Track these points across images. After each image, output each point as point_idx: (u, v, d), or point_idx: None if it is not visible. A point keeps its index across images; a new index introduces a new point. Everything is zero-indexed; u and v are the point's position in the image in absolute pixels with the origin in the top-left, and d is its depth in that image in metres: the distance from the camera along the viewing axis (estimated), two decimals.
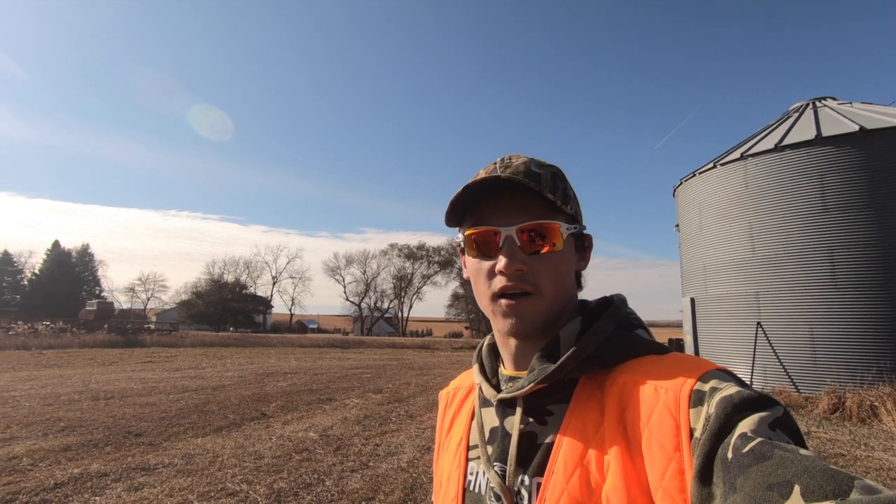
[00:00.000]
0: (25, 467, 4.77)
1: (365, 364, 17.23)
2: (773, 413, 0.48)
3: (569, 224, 0.67)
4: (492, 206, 0.67)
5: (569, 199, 0.69)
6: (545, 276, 0.65)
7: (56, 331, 26.14)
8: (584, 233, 0.73)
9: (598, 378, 0.62)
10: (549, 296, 0.65)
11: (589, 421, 0.60)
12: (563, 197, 0.67)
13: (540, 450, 0.62)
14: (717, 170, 11.22)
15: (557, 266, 0.66)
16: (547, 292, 0.65)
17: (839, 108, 10.86)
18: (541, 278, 0.65)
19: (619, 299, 0.70)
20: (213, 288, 63.48)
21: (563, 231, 0.66)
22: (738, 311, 10.46)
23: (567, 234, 0.67)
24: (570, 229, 0.67)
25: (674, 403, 0.53)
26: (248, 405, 8.36)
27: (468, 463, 0.72)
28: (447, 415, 0.84)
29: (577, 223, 0.70)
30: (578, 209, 0.72)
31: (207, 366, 15.21)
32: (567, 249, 0.68)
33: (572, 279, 0.70)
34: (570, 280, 0.70)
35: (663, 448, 0.51)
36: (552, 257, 0.65)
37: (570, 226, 0.67)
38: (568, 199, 0.68)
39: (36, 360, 15.54)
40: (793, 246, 9.68)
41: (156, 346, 23.38)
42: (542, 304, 0.65)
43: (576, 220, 0.70)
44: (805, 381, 9.24)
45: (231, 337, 31.95)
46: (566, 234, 0.67)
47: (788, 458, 0.42)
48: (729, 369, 0.57)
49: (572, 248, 0.70)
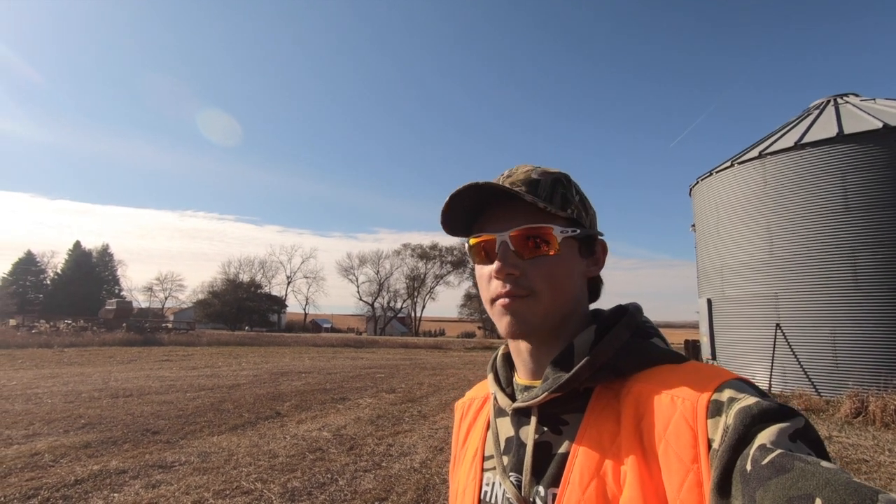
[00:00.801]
0: (47, 463, 4.88)
1: (378, 364, 17.30)
2: (794, 424, 0.47)
3: (565, 228, 0.66)
4: (491, 214, 0.69)
5: (569, 204, 0.68)
6: (539, 279, 0.65)
7: (77, 329, 26.73)
8: (596, 237, 0.72)
9: (614, 387, 0.61)
10: (545, 298, 0.65)
11: (605, 431, 0.59)
12: (561, 201, 0.67)
13: (555, 460, 0.62)
14: (734, 168, 11.04)
15: (552, 269, 0.65)
16: (542, 295, 0.65)
17: (862, 105, 10.60)
18: (535, 281, 0.65)
19: (634, 308, 0.69)
20: (228, 287, 64.36)
21: (558, 234, 0.65)
22: (756, 312, 10.27)
23: (563, 238, 0.66)
24: (567, 233, 0.66)
25: (691, 414, 0.52)
26: (262, 404, 8.45)
27: (484, 474, 0.72)
28: (463, 425, 0.84)
29: (578, 227, 0.69)
30: (584, 213, 0.70)
31: (223, 364, 15.41)
32: (567, 253, 0.67)
33: (577, 284, 0.69)
34: (574, 284, 0.68)
35: (681, 459, 0.50)
36: (546, 261, 0.65)
37: (565, 229, 0.66)
38: (568, 204, 0.68)
39: (58, 357, 15.90)
40: (813, 246, 9.47)
41: (173, 344, 23.76)
42: (538, 307, 0.65)
43: (578, 224, 0.69)
44: (826, 384, 9.04)
45: (246, 336, 32.34)
46: (561, 238, 0.66)
47: (809, 470, 0.40)
48: (748, 379, 0.56)
49: (574, 253, 0.68)
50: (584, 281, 0.70)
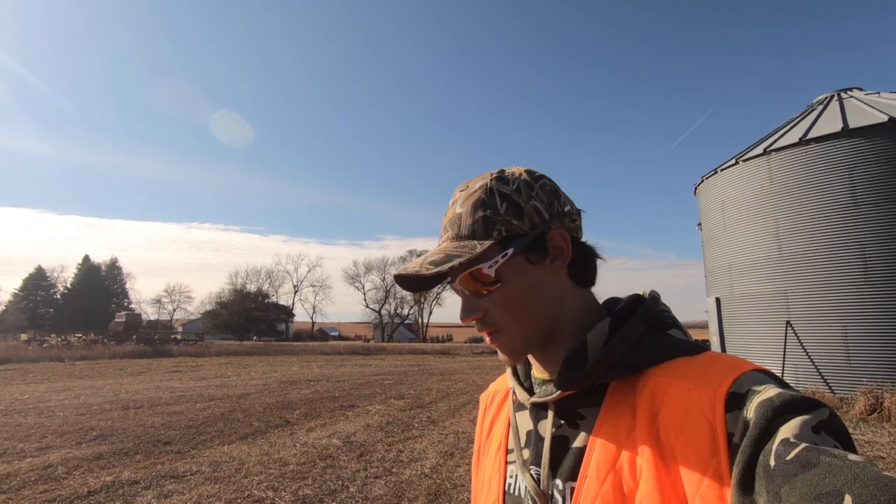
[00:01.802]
0: (60, 475, 4.91)
1: (386, 370, 17.29)
2: (817, 416, 0.45)
3: (493, 259, 0.63)
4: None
5: (492, 226, 0.64)
6: (498, 315, 0.64)
7: (87, 342, 26.94)
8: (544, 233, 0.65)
9: (630, 381, 0.60)
10: (512, 328, 0.64)
11: (621, 425, 0.58)
12: (484, 228, 0.64)
13: (572, 454, 0.61)
14: (739, 166, 10.98)
15: (505, 300, 0.64)
16: (508, 326, 0.64)
17: (866, 99, 10.53)
18: (496, 317, 0.64)
19: (651, 297, 0.67)
20: (236, 298, 64.69)
21: (488, 271, 0.63)
22: (766, 310, 10.18)
23: (496, 269, 0.63)
24: (497, 263, 0.63)
25: (708, 407, 0.51)
26: (272, 413, 8.46)
27: (508, 466, 0.72)
28: (486, 417, 0.84)
29: (511, 243, 0.64)
30: (517, 220, 0.64)
31: (232, 374, 15.47)
32: (512, 275, 0.64)
33: (543, 293, 0.65)
34: (539, 296, 0.65)
35: (699, 454, 0.49)
36: (497, 294, 0.64)
37: (493, 260, 0.63)
38: (491, 226, 0.64)
39: (69, 371, 16.03)
40: (822, 242, 9.39)
41: (182, 355, 23.88)
42: (511, 337, 0.65)
43: (510, 240, 0.64)
44: (839, 381, 8.93)
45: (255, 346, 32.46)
46: (493, 272, 0.63)
47: (837, 465, 0.39)
48: (767, 369, 0.54)
49: (521, 268, 0.64)
50: (555, 280, 0.66)
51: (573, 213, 0.69)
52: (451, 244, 0.66)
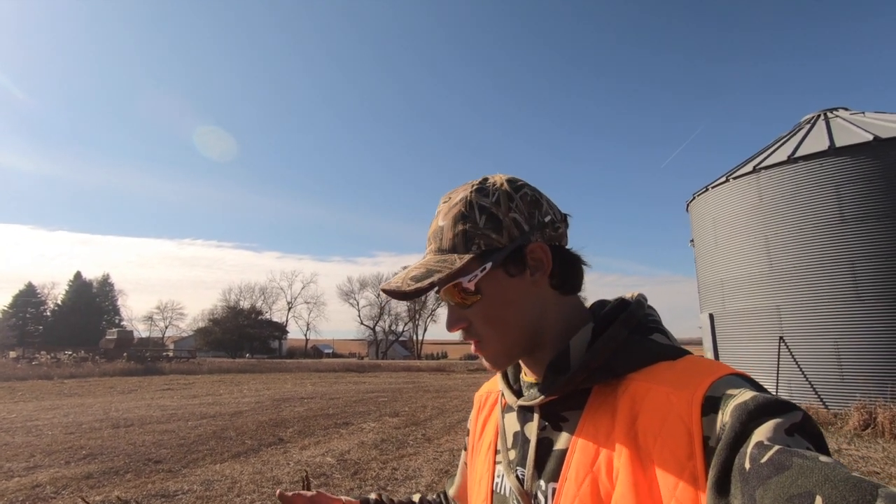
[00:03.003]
0: (49, 495, 4.82)
1: (381, 388, 17.13)
2: (790, 418, 0.46)
3: (472, 273, 0.64)
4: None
5: (471, 240, 0.65)
6: (480, 326, 0.67)
7: (77, 360, 26.55)
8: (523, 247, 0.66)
9: (612, 385, 0.62)
10: (493, 339, 0.67)
11: (601, 428, 0.59)
12: (463, 242, 0.65)
13: (555, 456, 0.63)
14: (729, 183, 11.16)
15: (486, 312, 0.66)
16: (489, 337, 0.67)
17: (852, 119, 10.78)
18: (478, 329, 0.67)
19: (636, 302, 0.68)
20: (229, 315, 64.11)
21: (468, 285, 0.64)
22: (759, 325, 10.24)
23: (475, 282, 0.64)
24: (475, 277, 0.64)
25: (685, 411, 0.52)
26: (265, 430, 8.36)
27: (496, 466, 0.75)
28: (480, 417, 0.86)
29: (489, 257, 0.65)
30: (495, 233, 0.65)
31: (225, 392, 15.27)
32: (491, 288, 0.65)
33: (524, 305, 0.66)
34: (519, 308, 0.66)
35: (676, 457, 0.50)
36: (478, 307, 0.66)
37: (473, 275, 0.64)
38: (470, 240, 0.65)
39: (58, 389, 15.76)
40: (812, 258, 9.51)
41: (174, 373, 23.57)
42: (493, 348, 0.67)
43: (488, 253, 0.65)
44: (833, 396, 8.96)
45: (247, 363, 32.10)
46: (473, 286, 0.64)
47: (808, 466, 0.40)
48: (745, 373, 0.55)
49: (501, 280, 0.65)
50: (536, 291, 0.67)
51: (556, 221, 0.69)
52: (433, 258, 0.68)
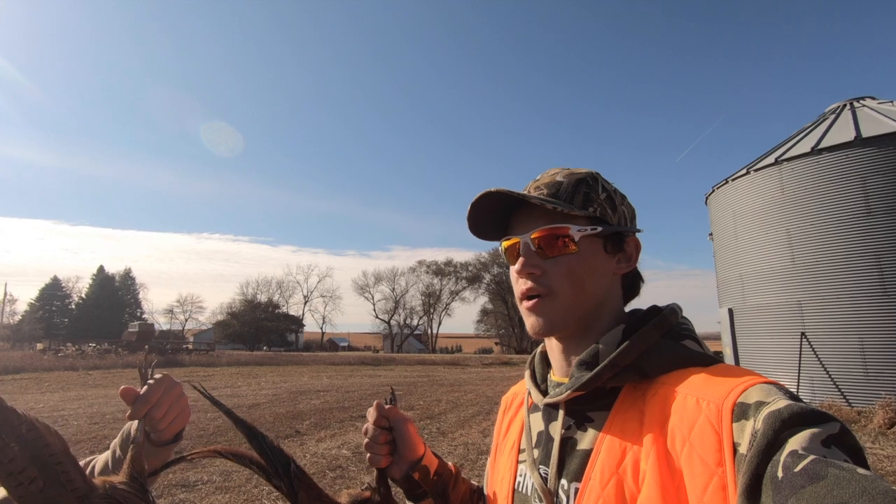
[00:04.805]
0: None
1: (396, 381, 17.25)
2: (827, 429, 0.45)
3: (582, 227, 0.67)
4: (518, 219, 0.73)
5: (591, 202, 0.69)
6: (558, 279, 0.67)
7: (101, 352, 27.26)
8: (626, 234, 0.71)
9: (642, 388, 0.62)
10: (564, 297, 0.67)
11: (628, 430, 0.59)
12: (583, 200, 0.69)
13: (579, 455, 0.63)
14: (750, 176, 10.91)
15: (572, 268, 0.67)
16: (562, 293, 0.67)
17: (879, 108, 10.44)
18: (553, 280, 0.67)
19: (669, 309, 0.68)
20: (247, 308, 65.15)
21: (575, 234, 0.67)
22: (780, 321, 10.03)
23: (581, 236, 0.67)
24: (585, 231, 0.67)
25: (716, 417, 0.51)
26: (282, 423, 8.49)
27: (519, 465, 0.75)
28: (505, 418, 0.87)
29: (602, 224, 0.69)
30: (610, 211, 0.70)
31: (243, 384, 15.53)
32: (588, 251, 0.68)
33: (601, 281, 0.69)
34: (597, 282, 0.69)
35: (705, 463, 0.50)
36: (566, 260, 0.67)
37: (584, 228, 0.67)
38: (590, 202, 0.69)
39: (83, 380, 16.21)
40: (836, 252, 9.27)
41: (194, 365, 24.04)
42: (558, 305, 0.67)
43: (601, 222, 0.69)
44: (857, 393, 8.75)
45: (265, 356, 32.59)
46: (579, 237, 0.67)
47: (845, 477, 0.39)
48: (777, 381, 0.54)
49: (598, 250, 0.69)
50: (612, 278, 0.70)
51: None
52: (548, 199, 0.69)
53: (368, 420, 0.81)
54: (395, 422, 0.80)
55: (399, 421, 0.80)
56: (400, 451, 0.78)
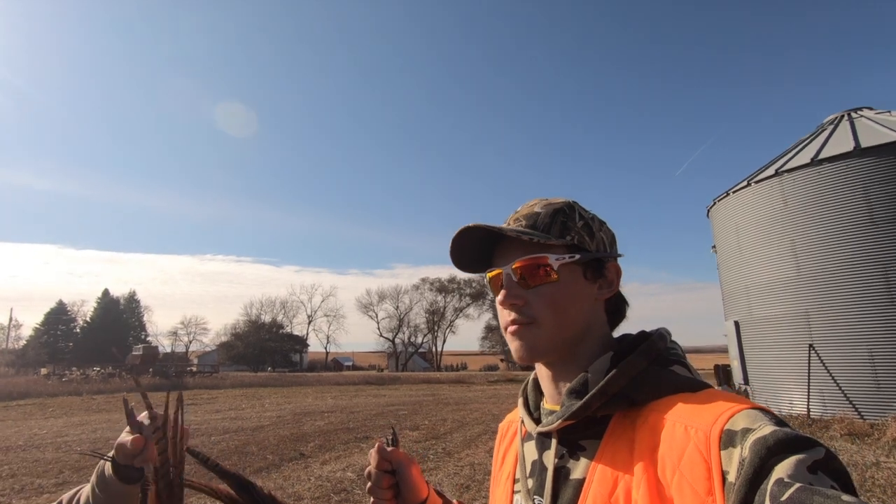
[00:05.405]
0: None
1: (401, 400, 17.09)
2: (812, 455, 0.45)
3: (560, 255, 0.68)
4: (500, 251, 0.75)
5: (569, 231, 0.70)
6: (540, 308, 0.68)
7: (105, 376, 27.16)
8: (606, 260, 0.72)
9: (631, 415, 0.62)
10: (547, 325, 0.67)
11: (619, 459, 0.59)
12: (560, 229, 0.70)
13: (572, 485, 0.63)
14: (751, 188, 10.94)
15: (553, 296, 0.68)
16: (544, 322, 0.67)
17: (877, 118, 10.50)
18: (536, 309, 0.68)
19: (657, 334, 0.68)
20: (251, 329, 64.92)
21: (553, 262, 0.68)
22: (787, 332, 9.94)
23: (560, 265, 0.68)
24: (564, 259, 0.68)
25: (704, 444, 0.52)
26: (286, 445, 8.39)
27: (514, 495, 0.75)
28: (501, 447, 0.87)
29: (579, 251, 0.70)
30: (588, 238, 0.71)
31: (247, 406, 15.41)
32: (568, 279, 0.69)
33: (584, 308, 0.70)
34: (580, 309, 0.69)
35: (695, 492, 0.50)
36: (547, 289, 0.68)
37: (561, 256, 0.68)
38: (568, 231, 0.70)
39: (87, 405, 16.13)
40: (842, 262, 9.22)
41: (198, 388, 23.90)
42: (541, 333, 0.68)
43: (579, 249, 0.70)
44: (868, 406, 8.61)
45: (269, 377, 32.40)
46: (557, 265, 0.68)
47: None
48: (765, 407, 0.55)
49: (577, 278, 0.70)
50: (594, 304, 0.71)
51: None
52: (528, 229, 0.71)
53: (371, 464, 0.81)
54: (397, 465, 0.80)
55: (402, 464, 0.80)
56: (403, 496, 0.78)
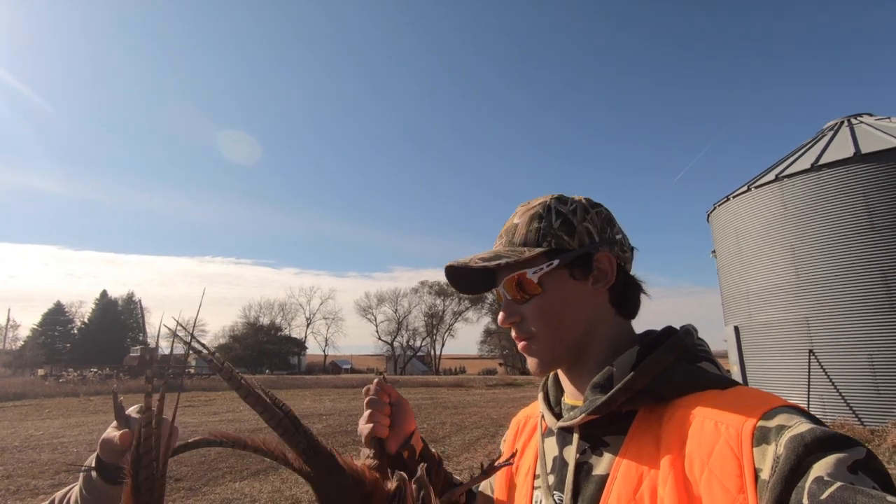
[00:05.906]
0: None
1: None
2: (853, 454, 0.44)
3: (538, 266, 0.67)
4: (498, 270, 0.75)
5: (545, 236, 0.69)
6: (534, 321, 0.68)
7: (103, 377, 27.08)
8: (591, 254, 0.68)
9: (658, 411, 0.60)
10: (543, 337, 0.68)
11: (644, 455, 0.58)
12: (536, 237, 0.70)
13: (595, 481, 0.62)
14: (751, 193, 10.95)
15: (543, 307, 0.68)
16: (541, 334, 0.68)
17: (877, 124, 10.52)
18: (531, 324, 0.69)
19: (684, 330, 0.67)
20: (249, 331, 64.83)
21: (532, 276, 0.67)
22: (787, 338, 9.93)
23: (540, 276, 0.67)
24: (541, 270, 0.67)
25: (735, 441, 0.50)
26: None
27: (534, 491, 0.73)
28: (518, 441, 0.85)
29: (559, 254, 0.68)
30: (567, 237, 0.68)
31: (244, 409, 15.30)
32: (554, 286, 0.68)
33: (579, 309, 0.68)
34: (575, 311, 0.68)
35: (725, 489, 0.49)
36: (536, 302, 0.68)
37: (539, 268, 0.67)
38: (544, 237, 0.69)
39: (84, 406, 16.06)
40: (842, 267, 9.22)
41: (196, 389, 23.82)
42: (541, 347, 0.69)
43: (558, 252, 0.68)
44: (869, 412, 8.59)
45: (267, 379, 32.32)
46: (536, 278, 0.67)
47: None
48: (799, 405, 0.53)
49: (564, 281, 0.68)
50: (593, 300, 0.69)
51: (625, 244, 0.73)
52: (503, 248, 0.71)
53: (371, 392, 0.80)
54: (396, 398, 0.80)
55: (400, 397, 0.81)
56: (398, 424, 0.78)
